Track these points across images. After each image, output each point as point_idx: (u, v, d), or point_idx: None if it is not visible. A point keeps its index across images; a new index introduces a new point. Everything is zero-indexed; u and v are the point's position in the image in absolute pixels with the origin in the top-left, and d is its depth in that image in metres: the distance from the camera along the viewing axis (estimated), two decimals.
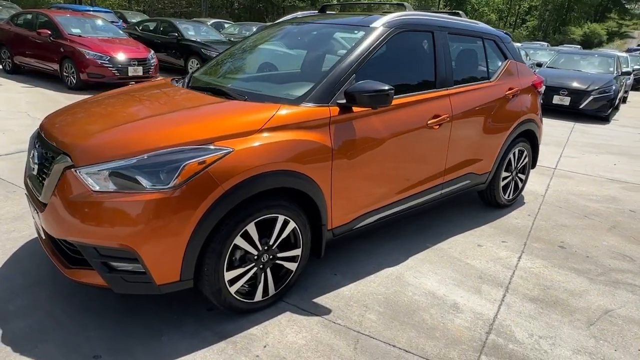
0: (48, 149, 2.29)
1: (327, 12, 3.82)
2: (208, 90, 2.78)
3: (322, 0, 38.71)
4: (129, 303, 2.45)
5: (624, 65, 11.68)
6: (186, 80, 3.15)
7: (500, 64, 3.80)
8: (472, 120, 3.40)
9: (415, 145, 2.98)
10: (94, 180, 2.04)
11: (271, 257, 2.40)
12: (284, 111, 2.35)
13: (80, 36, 9.00)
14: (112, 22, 11.72)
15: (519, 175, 4.19)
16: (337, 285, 2.75)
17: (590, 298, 2.76)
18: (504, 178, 3.99)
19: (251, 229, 2.25)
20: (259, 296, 2.41)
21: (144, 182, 2.00)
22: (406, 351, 2.21)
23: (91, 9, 14.88)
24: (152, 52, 9.61)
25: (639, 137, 8.33)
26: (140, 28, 12.72)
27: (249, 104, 2.44)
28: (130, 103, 2.71)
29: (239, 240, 2.22)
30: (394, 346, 2.24)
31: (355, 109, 2.56)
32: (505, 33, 4.07)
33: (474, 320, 2.47)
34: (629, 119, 10.36)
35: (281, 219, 2.35)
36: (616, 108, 10.54)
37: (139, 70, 9.08)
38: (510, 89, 3.75)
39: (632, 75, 12.82)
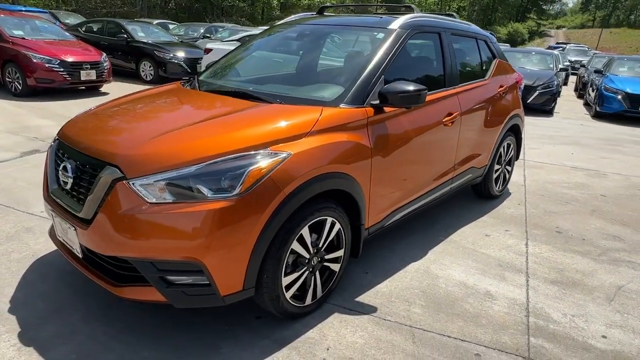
0: (84, 161, 2.13)
1: (325, 13, 3.83)
2: (231, 94, 2.72)
3: (262, 0, 38.41)
4: (173, 318, 2.34)
5: (559, 63, 12.66)
6: (197, 84, 3.05)
7: (491, 62, 4.02)
8: (475, 117, 3.57)
9: (434, 142, 3.09)
10: (148, 191, 1.93)
11: (319, 259, 2.40)
12: (327, 113, 2.36)
13: (23, 38, 8.33)
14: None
15: (507, 167, 4.45)
16: (372, 283, 2.80)
17: (600, 277, 3.01)
18: (496, 170, 4.22)
19: (305, 232, 2.23)
20: (309, 299, 2.40)
21: (205, 191, 1.93)
22: (462, 340, 2.30)
23: (23, 9, 13.77)
24: (104, 54, 9.09)
25: (582, 127, 9.08)
26: (83, 29, 11.95)
27: (291, 107, 2.42)
28: (161, 109, 2.59)
29: (295, 245, 2.20)
30: (448, 337, 2.33)
31: (386, 109, 2.61)
32: (491, 33, 4.31)
33: (510, 306, 2.62)
34: (567, 112, 11.26)
35: (329, 220, 2.36)
36: (556, 102, 11.40)
37: (92, 74, 8.56)
38: (501, 86, 3.98)
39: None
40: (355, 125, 2.44)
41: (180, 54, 10.88)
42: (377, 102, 2.56)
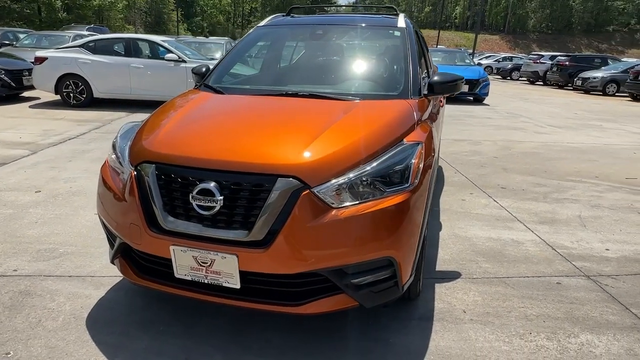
0: (235, 179, 1.88)
1: (292, 15, 3.88)
2: (295, 95, 2.65)
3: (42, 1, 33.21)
4: (312, 328, 2.25)
5: None
6: (221, 90, 2.83)
7: (428, 55, 4.67)
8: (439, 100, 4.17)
9: (440, 122, 3.55)
10: (331, 197, 1.88)
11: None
12: (415, 105, 2.57)
13: None
14: None
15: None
16: (432, 254, 3.11)
17: (562, 212, 3.95)
18: None
19: None
20: (421, 277, 2.59)
21: (382, 187, 1.97)
22: (538, 277, 2.83)
23: None
24: None
25: None
26: None
27: (388, 102, 2.54)
28: (262, 115, 2.40)
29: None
30: (526, 277, 2.83)
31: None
32: None
33: (536, 245, 3.27)
34: None
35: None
36: None
37: None
38: None
39: None
40: (428, 113, 2.71)
41: None
42: (427, 92, 2.87)
